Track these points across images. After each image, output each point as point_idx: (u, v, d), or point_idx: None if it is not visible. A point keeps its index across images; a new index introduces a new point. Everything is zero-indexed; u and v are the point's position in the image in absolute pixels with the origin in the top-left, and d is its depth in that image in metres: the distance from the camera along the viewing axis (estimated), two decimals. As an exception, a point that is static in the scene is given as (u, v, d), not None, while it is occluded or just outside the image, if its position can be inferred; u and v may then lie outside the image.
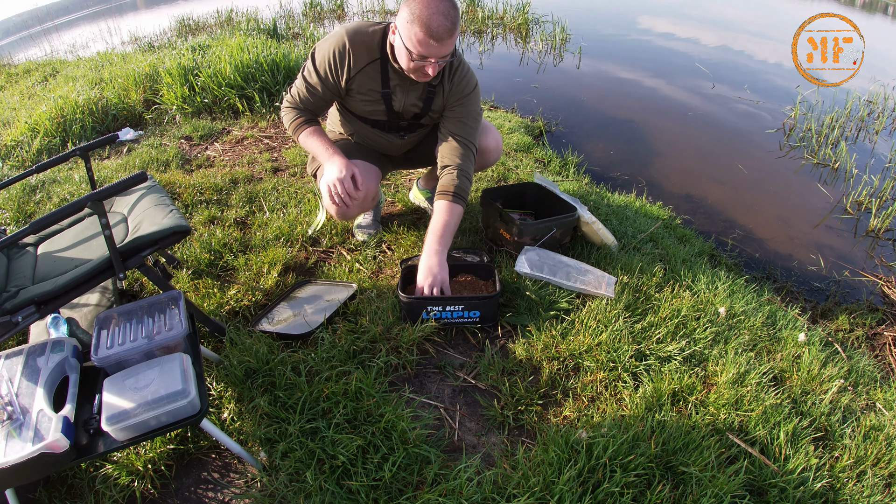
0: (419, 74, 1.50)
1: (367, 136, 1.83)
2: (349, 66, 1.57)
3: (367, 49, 1.56)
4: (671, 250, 2.16)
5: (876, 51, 5.11)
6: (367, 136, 1.84)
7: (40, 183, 2.72)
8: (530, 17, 7.20)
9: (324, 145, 1.64)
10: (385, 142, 1.83)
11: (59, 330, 1.41)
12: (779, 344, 1.67)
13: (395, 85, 1.62)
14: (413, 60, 1.44)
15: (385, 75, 1.60)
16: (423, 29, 1.36)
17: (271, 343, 1.50)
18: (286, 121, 1.71)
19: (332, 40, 1.57)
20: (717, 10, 8.95)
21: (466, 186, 1.65)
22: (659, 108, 4.49)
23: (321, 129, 1.69)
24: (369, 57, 1.57)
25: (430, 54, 1.42)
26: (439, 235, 1.59)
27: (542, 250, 1.80)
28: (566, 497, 1.08)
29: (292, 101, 1.70)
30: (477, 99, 1.69)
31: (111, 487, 1.16)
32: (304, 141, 1.69)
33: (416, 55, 1.42)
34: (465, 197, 1.65)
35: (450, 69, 1.63)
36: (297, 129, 1.69)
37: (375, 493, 1.11)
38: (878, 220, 2.89)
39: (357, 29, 1.56)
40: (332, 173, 1.58)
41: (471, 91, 1.66)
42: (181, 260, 1.91)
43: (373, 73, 1.59)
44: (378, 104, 1.67)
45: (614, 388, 1.41)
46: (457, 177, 1.64)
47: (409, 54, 1.43)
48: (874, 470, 1.27)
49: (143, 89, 3.95)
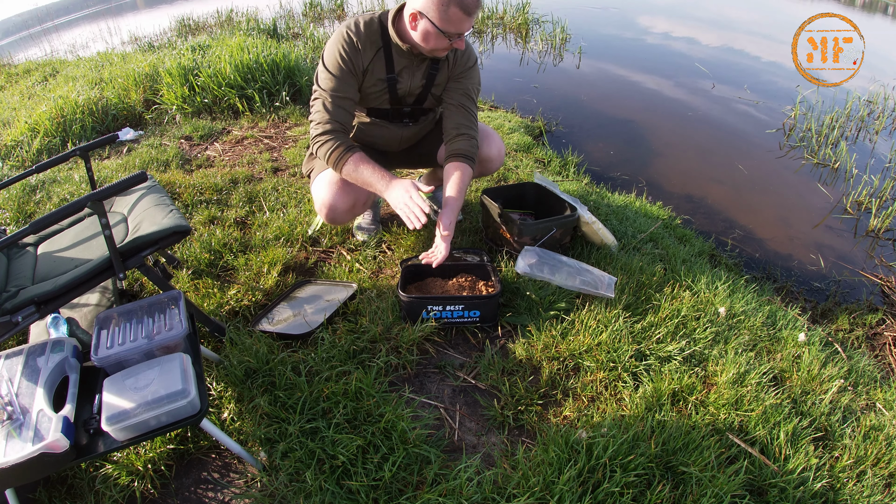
0: (440, 52, 1.55)
1: (368, 130, 1.83)
2: (362, 56, 1.59)
3: (371, 40, 1.59)
4: (671, 250, 2.16)
5: (876, 51, 5.10)
6: (367, 132, 1.83)
7: (40, 183, 2.72)
8: (530, 17, 7.20)
9: (376, 174, 1.57)
10: (387, 134, 1.83)
11: (59, 330, 1.41)
12: (779, 344, 1.67)
13: (401, 69, 1.64)
14: (440, 39, 1.49)
15: (390, 61, 1.62)
16: (460, 7, 1.43)
17: (271, 343, 1.50)
18: (323, 154, 1.59)
19: (338, 40, 1.57)
20: (717, 10, 8.95)
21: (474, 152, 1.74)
22: (659, 108, 4.49)
23: (364, 155, 1.59)
24: (374, 47, 1.60)
25: (464, 30, 1.48)
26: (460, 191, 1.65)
27: (542, 250, 1.80)
28: (566, 497, 1.08)
29: (322, 125, 1.58)
30: (478, 71, 1.76)
31: (111, 487, 1.16)
32: (351, 173, 1.59)
33: (454, 33, 1.48)
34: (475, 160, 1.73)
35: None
36: (339, 160, 1.58)
37: (375, 493, 1.11)
38: (878, 220, 2.89)
39: (355, 23, 1.58)
40: (402, 196, 1.52)
41: (473, 63, 1.73)
42: (181, 260, 1.91)
43: (379, 62, 1.62)
44: (383, 93, 1.68)
45: (614, 388, 1.41)
46: (471, 144, 1.71)
47: (442, 35, 1.48)
48: (874, 470, 1.27)
49: (143, 89, 3.95)
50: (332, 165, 1.60)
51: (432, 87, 1.72)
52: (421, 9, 1.46)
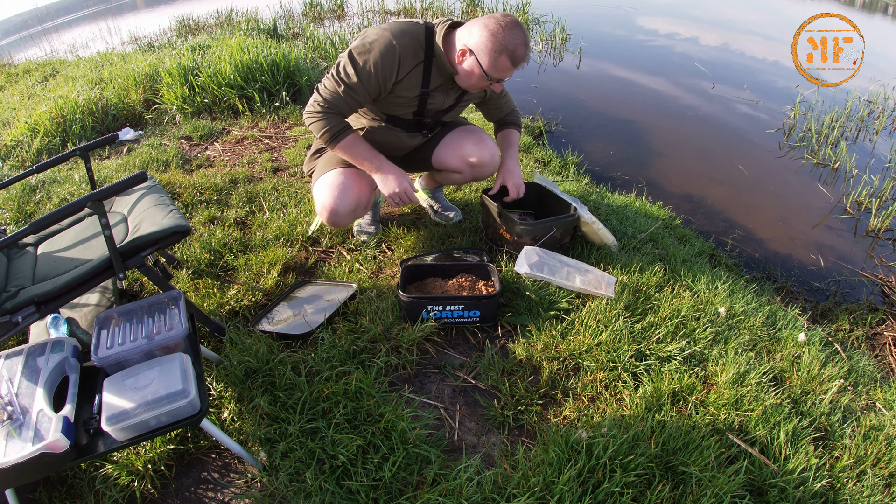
0: (479, 90, 1.65)
1: (379, 134, 1.78)
2: (398, 70, 1.54)
3: (414, 52, 1.55)
4: (671, 250, 2.16)
5: (876, 51, 5.10)
6: (376, 135, 1.79)
7: (40, 183, 2.72)
8: (530, 17, 7.19)
9: (371, 154, 1.61)
10: (396, 141, 1.81)
11: (59, 330, 1.41)
12: (779, 344, 1.67)
13: (436, 86, 1.64)
14: (483, 80, 1.54)
15: (427, 76, 1.60)
16: (510, 58, 1.48)
17: (271, 343, 1.50)
18: (318, 127, 1.58)
19: (379, 43, 1.50)
20: (717, 10, 8.95)
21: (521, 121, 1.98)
22: (659, 108, 4.49)
23: (360, 137, 1.64)
24: (415, 60, 1.56)
25: (507, 77, 1.55)
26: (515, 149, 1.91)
27: (542, 250, 1.80)
28: (566, 497, 1.08)
29: (324, 105, 1.56)
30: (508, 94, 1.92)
31: (111, 487, 1.16)
32: (347, 148, 1.61)
33: (496, 79, 1.54)
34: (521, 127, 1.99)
35: None
36: (335, 136, 1.59)
37: (375, 493, 1.11)
38: (878, 220, 2.89)
39: (402, 31, 1.53)
40: (392, 184, 1.63)
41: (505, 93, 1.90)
42: (181, 260, 1.91)
43: (416, 75, 1.59)
44: (411, 105, 1.66)
45: (614, 388, 1.41)
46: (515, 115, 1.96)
47: (485, 77, 1.53)
48: (874, 470, 1.27)
49: (143, 89, 3.95)
50: (329, 139, 1.59)
51: (459, 105, 1.77)
52: (473, 48, 1.49)
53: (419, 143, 1.88)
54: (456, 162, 1.86)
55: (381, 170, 1.63)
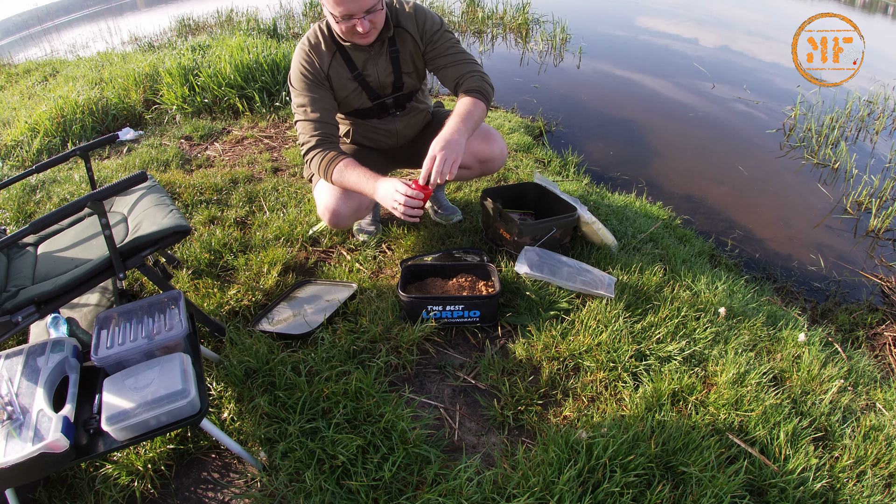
0: (357, 36, 1.54)
1: (364, 133, 1.84)
2: (320, 66, 1.64)
3: (325, 47, 1.64)
4: (671, 250, 2.16)
5: (876, 51, 5.10)
6: (363, 135, 1.84)
7: (40, 183, 2.72)
8: (530, 17, 7.19)
9: (363, 176, 1.54)
10: (381, 132, 1.84)
11: (59, 330, 1.41)
12: (779, 344, 1.67)
13: (363, 62, 1.66)
14: (341, 23, 1.49)
15: (349, 60, 1.66)
16: None
17: (271, 343, 1.50)
18: (315, 167, 1.61)
19: (297, 59, 1.64)
20: (717, 10, 8.95)
21: (488, 89, 1.64)
22: (659, 108, 4.49)
23: (352, 161, 1.58)
24: (329, 53, 1.64)
25: (352, 11, 1.45)
26: (463, 117, 1.53)
27: (542, 250, 1.80)
28: (566, 497, 1.08)
29: (308, 141, 1.61)
30: (449, 32, 1.69)
31: (111, 487, 1.16)
32: (339, 179, 1.58)
33: (341, 16, 1.47)
34: (489, 98, 1.63)
35: (394, 16, 1.65)
36: (327, 169, 1.58)
37: (375, 493, 1.11)
38: (878, 220, 2.89)
39: (307, 38, 1.65)
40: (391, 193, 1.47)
41: (439, 27, 1.68)
42: (181, 260, 1.91)
43: (339, 65, 1.66)
44: (358, 92, 1.71)
45: (614, 388, 1.41)
46: (477, 80, 1.63)
47: (335, 20, 1.50)
48: (874, 470, 1.27)
49: (143, 89, 3.95)
50: (323, 175, 1.62)
51: (401, 66, 1.71)
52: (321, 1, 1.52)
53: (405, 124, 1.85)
54: (464, 157, 1.86)
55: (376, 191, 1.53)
